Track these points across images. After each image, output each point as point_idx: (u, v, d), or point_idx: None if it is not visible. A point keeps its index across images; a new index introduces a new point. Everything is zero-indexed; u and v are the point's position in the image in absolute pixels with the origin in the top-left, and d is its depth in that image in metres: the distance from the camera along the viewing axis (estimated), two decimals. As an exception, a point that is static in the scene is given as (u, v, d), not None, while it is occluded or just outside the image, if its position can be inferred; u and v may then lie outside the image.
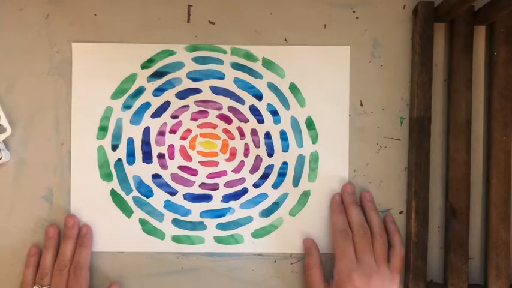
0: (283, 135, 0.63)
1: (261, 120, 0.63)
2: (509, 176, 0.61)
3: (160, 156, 0.63)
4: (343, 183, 0.63)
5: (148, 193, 0.63)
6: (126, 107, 0.63)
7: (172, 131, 0.63)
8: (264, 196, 0.63)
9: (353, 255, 0.59)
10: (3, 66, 0.62)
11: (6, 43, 0.62)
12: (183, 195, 0.63)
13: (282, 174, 0.63)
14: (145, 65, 0.62)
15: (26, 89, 0.62)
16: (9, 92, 0.62)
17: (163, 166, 0.63)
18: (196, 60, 0.63)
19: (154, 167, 0.63)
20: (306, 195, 0.63)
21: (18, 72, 0.62)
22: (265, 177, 0.63)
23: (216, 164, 0.63)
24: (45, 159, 0.62)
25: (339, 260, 0.59)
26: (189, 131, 0.63)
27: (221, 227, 0.63)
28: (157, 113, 0.63)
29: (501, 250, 0.61)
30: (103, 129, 0.63)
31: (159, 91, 0.63)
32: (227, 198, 0.63)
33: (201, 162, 0.63)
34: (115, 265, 0.63)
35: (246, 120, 0.63)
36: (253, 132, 0.63)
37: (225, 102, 0.63)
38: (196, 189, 0.63)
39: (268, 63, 0.63)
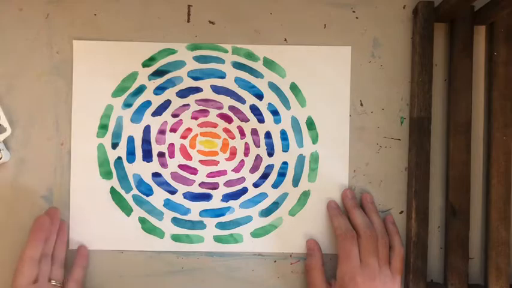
0: (283, 135, 0.63)
1: (261, 120, 0.63)
2: (509, 176, 0.61)
3: (161, 154, 0.63)
4: (343, 183, 0.63)
5: (148, 191, 0.63)
6: (127, 105, 0.63)
7: (173, 130, 0.63)
8: (263, 196, 0.63)
9: (357, 257, 0.59)
10: (3, 66, 0.62)
11: (6, 43, 0.63)
12: (183, 194, 0.63)
13: (282, 174, 0.63)
14: (146, 64, 0.62)
15: (26, 89, 0.62)
16: (9, 92, 0.62)
17: (163, 165, 0.63)
18: (197, 59, 0.63)
19: (154, 165, 0.63)
20: (305, 195, 0.63)
21: (18, 72, 0.62)
22: (265, 176, 0.63)
23: (216, 163, 0.63)
24: (45, 159, 0.62)
25: (343, 262, 0.59)
26: (189, 129, 0.63)
27: (220, 226, 0.63)
28: (157, 112, 0.63)
29: (501, 250, 0.61)
30: (103, 127, 0.62)
31: (159, 89, 0.63)
32: (227, 197, 0.63)
33: (201, 161, 0.63)
34: (115, 264, 0.62)
35: (247, 120, 0.63)
36: (254, 132, 0.63)
37: (226, 101, 0.63)
38: (196, 188, 0.63)
39: (269, 63, 0.63)
